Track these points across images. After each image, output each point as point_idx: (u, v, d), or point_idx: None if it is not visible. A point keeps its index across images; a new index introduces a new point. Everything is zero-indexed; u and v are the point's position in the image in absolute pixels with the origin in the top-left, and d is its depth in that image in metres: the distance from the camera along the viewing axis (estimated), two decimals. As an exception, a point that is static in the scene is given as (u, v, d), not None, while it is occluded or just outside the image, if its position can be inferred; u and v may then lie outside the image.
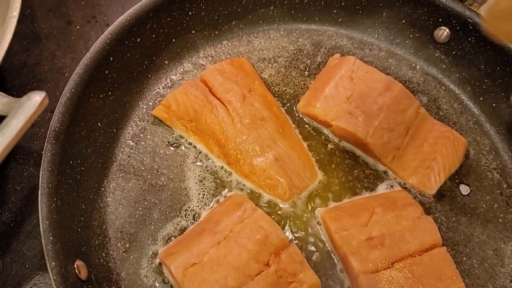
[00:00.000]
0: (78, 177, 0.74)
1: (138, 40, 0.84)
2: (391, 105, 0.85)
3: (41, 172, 0.65)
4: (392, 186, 0.84)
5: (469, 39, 0.91)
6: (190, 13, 0.90)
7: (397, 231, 0.76)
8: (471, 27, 0.89)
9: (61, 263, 0.61)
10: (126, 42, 0.82)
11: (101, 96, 0.80)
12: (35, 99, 0.52)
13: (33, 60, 0.94)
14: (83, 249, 0.70)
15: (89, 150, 0.77)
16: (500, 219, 0.83)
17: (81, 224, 0.72)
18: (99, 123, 0.80)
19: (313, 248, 0.77)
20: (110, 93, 0.82)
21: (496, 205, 0.84)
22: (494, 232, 0.82)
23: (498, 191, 0.86)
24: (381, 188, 0.84)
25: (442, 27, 0.93)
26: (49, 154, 0.67)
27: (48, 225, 0.62)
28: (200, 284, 0.67)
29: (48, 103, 0.55)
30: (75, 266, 0.65)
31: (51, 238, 0.61)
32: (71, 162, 0.72)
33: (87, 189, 0.76)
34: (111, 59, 0.80)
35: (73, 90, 0.72)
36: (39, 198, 0.63)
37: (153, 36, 0.86)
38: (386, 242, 0.74)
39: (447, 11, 0.91)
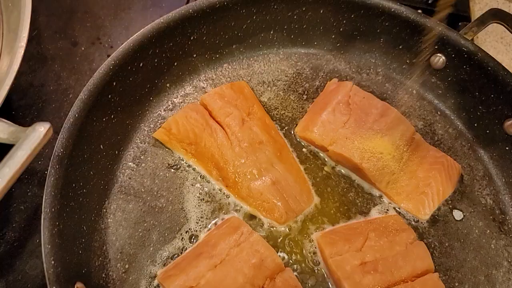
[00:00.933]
0: (80, 199, 0.76)
1: (141, 64, 0.86)
2: (387, 131, 0.87)
3: (44, 197, 0.67)
4: (386, 211, 0.86)
5: (464, 66, 0.93)
6: (191, 37, 0.92)
7: (390, 256, 0.77)
8: (466, 55, 0.91)
9: (61, 286, 0.63)
10: (129, 67, 0.84)
11: (104, 119, 0.82)
12: (40, 130, 0.54)
13: (39, 81, 0.96)
14: (83, 271, 0.72)
15: (91, 172, 0.80)
16: (492, 245, 0.84)
17: (82, 246, 0.74)
18: (101, 146, 0.82)
19: (308, 272, 0.79)
20: (112, 116, 0.84)
21: (488, 230, 0.86)
22: (486, 258, 0.83)
23: (491, 217, 0.87)
24: (376, 213, 0.85)
25: (438, 54, 0.96)
26: (52, 178, 0.69)
27: (50, 249, 0.64)
28: (197, 307, 0.69)
29: (52, 133, 0.57)
30: (76, 288, 0.67)
31: (53, 262, 0.63)
32: (74, 185, 0.74)
33: (89, 210, 0.78)
34: (114, 83, 0.82)
35: (76, 115, 0.75)
36: (42, 222, 0.65)
37: (156, 60, 0.89)
38: (379, 268, 0.76)
39: (443, 39, 0.93)
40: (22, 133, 0.57)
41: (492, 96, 0.91)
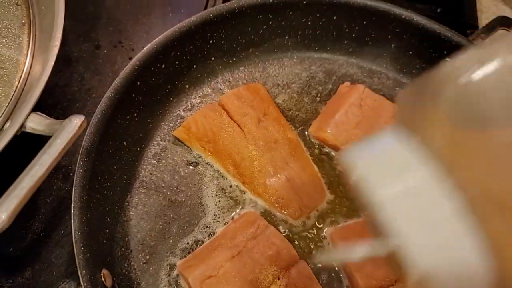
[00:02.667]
0: (105, 192, 0.80)
1: (163, 66, 0.91)
2: (397, 132, 0.91)
3: (74, 187, 0.71)
4: (397, 208, 0.89)
5: (473, 71, 0.96)
6: (211, 41, 0.96)
7: (401, 251, 0.80)
8: (474, 60, 0.95)
9: (91, 271, 0.66)
10: (152, 68, 0.88)
11: (128, 117, 0.86)
12: (75, 122, 0.58)
13: (64, 82, 1.01)
14: (108, 259, 0.75)
15: (115, 167, 0.83)
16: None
17: (107, 236, 0.77)
18: (125, 142, 0.86)
19: (321, 265, 0.82)
20: (135, 114, 0.88)
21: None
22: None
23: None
24: (387, 210, 0.88)
25: (448, 60, 0.99)
26: (81, 170, 0.73)
27: (80, 236, 0.68)
28: (216, 296, 0.73)
29: (86, 125, 0.61)
30: (102, 274, 0.70)
31: (82, 248, 0.67)
32: (99, 178, 0.78)
33: (112, 203, 0.82)
34: (138, 83, 0.86)
35: (103, 111, 0.79)
36: (72, 210, 0.69)
37: (176, 62, 0.93)
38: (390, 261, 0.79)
39: (452, 44, 0.96)
40: (58, 125, 0.62)
41: (499, 99, 0.94)
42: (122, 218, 0.83)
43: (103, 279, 0.70)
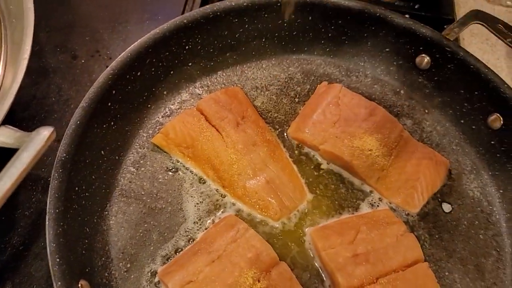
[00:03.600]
0: (83, 202, 0.80)
1: (139, 73, 0.91)
2: (375, 129, 0.91)
3: (48, 199, 0.71)
4: (377, 206, 0.89)
5: (448, 65, 0.97)
6: (187, 47, 0.97)
7: (381, 248, 0.80)
8: (449, 55, 0.95)
9: (67, 283, 0.66)
10: (127, 76, 0.89)
11: (104, 126, 0.86)
12: (44, 133, 0.58)
13: (41, 93, 1.01)
14: (87, 270, 0.75)
15: (93, 177, 0.83)
16: (481, 235, 0.87)
17: (86, 246, 0.77)
18: (102, 151, 0.86)
19: (303, 266, 0.82)
20: (112, 123, 0.88)
21: (477, 222, 0.89)
22: (475, 248, 0.86)
23: (479, 209, 0.90)
24: (367, 208, 0.88)
25: (423, 55, 1.00)
26: (56, 181, 0.73)
27: (55, 248, 0.68)
28: (196, 301, 0.72)
29: (55, 136, 0.61)
30: (79, 285, 0.70)
31: (57, 259, 0.67)
32: (77, 188, 0.78)
33: (91, 213, 0.81)
34: (113, 92, 0.86)
35: (78, 122, 0.79)
36: (47, 222, 0.69)
37: (153, 69, 0.93)
38: (370, 259, 0.79)
39: (427, 40, 0.97)
40: (27, 138, 0.61)
41: (476, 93, 0.95)
42: (102, 228, 0.82)
43: (81, 290, 0.70)
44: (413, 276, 0.78)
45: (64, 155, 0.75)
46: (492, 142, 0.94)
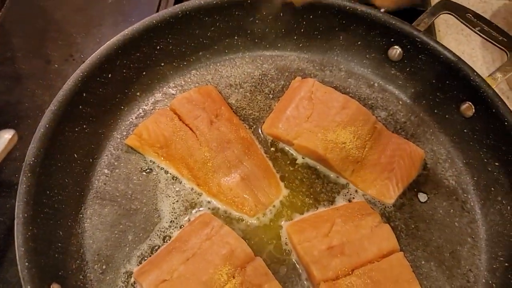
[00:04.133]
0: (56, 205, 0.79)
1: (110, 75, 0.90)
2: (348, 122, 0.91)
3: (17, 203, 0.71)
4: (353, 198, 0.89)
5: (420, 56, 0.97)
6: (158, 47, 0.97)
7: (356, 239, 0.80)
8: (420, 46, 0.96)
9: (36, 286, 0.66)
10: (98, 79, 0.88)
11: (76, 129, 0.86)
12: (5, 137, 0.58)
13: (15, 99, 1.00)
14: (60, 273, 0.75)
15: (66, 180, 0.83)
16: (456, 223, 0.88)
17: (59, 250, 0.77)
18: (75, 154, 0.86)
19: (279, 261, 0.82)
20: (85, 126, 0.88)
21: (452, 210, 0.89)
22: (451, 236, 0.87)
23: (454, 197, 0.91)
24: (343, 201, 0.89)
25: (395, 47, 1.00)
26: (24, 186, 0.72)
27: (24, 252, 0.67)
28: (171, 300, 0.72)
29: (17, 139, 0.60)
30: (51, 289, 0.70)
31: (27, 263, 0.67)
32: (48, 192, 0.78)
33: (65, 216, 0.81)
34: (84, 94, 0.86)
35: (47, 125, 0.79)
36: (15, 227, 0.69)
37: (124, 71, 0.93)
38: (346, 250, 0.79)
39: (397, 31, 0.98)
40: (-11, 141, 0.61)
41: (447, 82, 0.95)
42: (76, 231, 0.82)
43: (52, 294, 0.69)
44: (389, 266, 0.78)
45: (32, 159, 0.75)
46: (465, 130, 0.94)
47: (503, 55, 0.96)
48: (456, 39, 1.29)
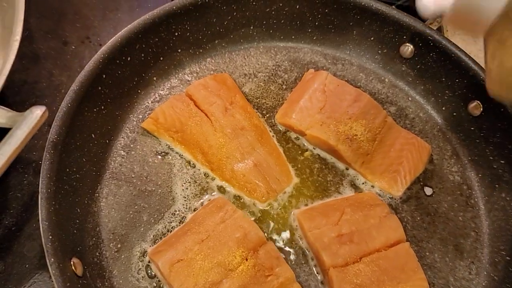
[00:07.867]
0: (74, 183, 0.81)
1: (129, 59, 0.92)
2: (360, 115, 0.94)
3: (40, 179, 0.73)
4: (361, 189, 0.92)
5: (431, 54, 1.00)
6: (176, 33, 0.98)
7: (365, 228, 0.83)
8: (432, 44, 0.98)
9: (59, 259, 0.68)
10: (117, 61, 0.90)
11: (95, 110, 0.88)
12: (37, 112, 0.60)
13: (32, 78, 1.01)
14: (78, 249, 0.77)
15: (84, 159, 0.85)
16: (460, 217, 0.91)
17: (77, 226, 0.79)
18: (93, 135, 0.88)
19: (289, 246, 0.85)
20: (103, 107, 0.89)
21: (456, 204, 0.92)
22: (454, 229, 0.90)
23: (459, 192, 0.94)
24: (351, 191, 0.91)
25: (407, 44, 1.02)
26: (48, 162, 0.74)
27: (47, 226, 0.69)
28: (186, 278, 0.75)
29: (47, 115, 0.62)
30: (72, 263, 0.72)
31: (50, 237, 0.69)
32: (68, 170, 0.80)
33: (82, 194, 0.83)
34: (104, 76, 0.88)
35: (69, 105, 0.80)
36: (39, 201, 0.71)
37: (142, 55, 0.95)
38: (354, 239, 0.82)
39: (410, 29, 1.00)
40: (19, 117, 0.63)
41: (456, 81, 0.98)
42: (92, 209, 0.84)
43: (73, 267, 0.71)
44: (395, 255, 0.81)
45: (56, 136, 0.77)
46: (472, 128, 0.97)
47: None
48: (463, 40, 1.31)
